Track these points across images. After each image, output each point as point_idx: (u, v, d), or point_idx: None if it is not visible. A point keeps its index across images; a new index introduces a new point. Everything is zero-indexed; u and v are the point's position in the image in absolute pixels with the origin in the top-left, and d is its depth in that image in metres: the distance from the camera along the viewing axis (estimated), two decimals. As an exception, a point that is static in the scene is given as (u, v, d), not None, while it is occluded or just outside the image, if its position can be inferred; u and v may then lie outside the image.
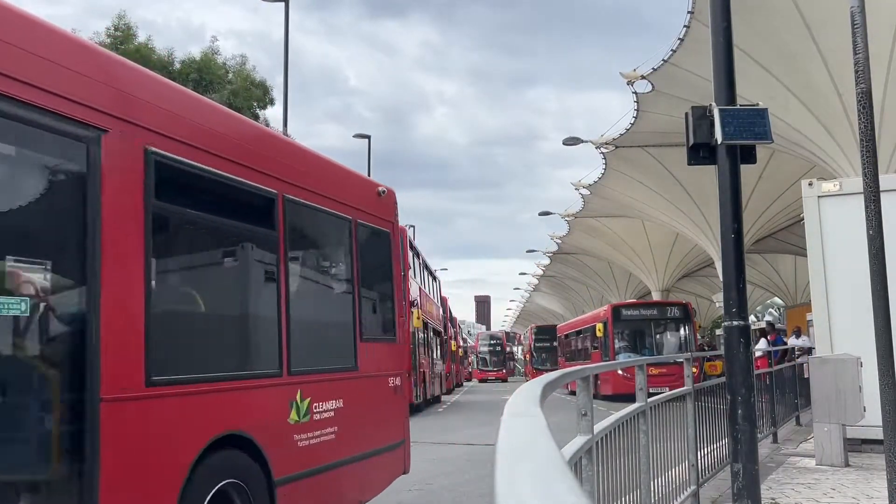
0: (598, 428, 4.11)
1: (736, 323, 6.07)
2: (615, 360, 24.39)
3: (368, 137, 35.51)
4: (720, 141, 6.06)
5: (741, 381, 5.98)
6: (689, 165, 6.60)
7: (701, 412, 7.33)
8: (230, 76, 21.85)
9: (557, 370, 4.79)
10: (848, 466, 9.04)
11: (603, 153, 25.97)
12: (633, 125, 22.79)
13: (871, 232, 6.39)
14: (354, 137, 35.74)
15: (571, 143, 26.12)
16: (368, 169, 35.05)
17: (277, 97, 22.99)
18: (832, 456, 9.16)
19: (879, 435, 6.70)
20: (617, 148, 25.02)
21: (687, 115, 6.31)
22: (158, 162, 4.32)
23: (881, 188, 6.54)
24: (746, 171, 6.97)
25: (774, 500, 7.25)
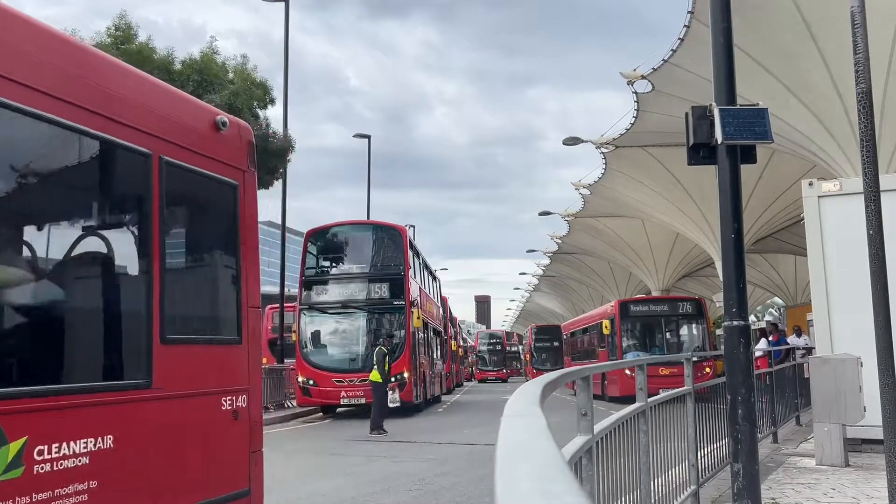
0: (598, 428, 4.11)
1: (736, 323, 6.08)
2: (623, 359, 22.80)
3: (368, 137, 35.66)
4: (720, 141, 6.07)
5: (741, 381, 5.99)
6: (689, 165, 6.61)
7: (701, 412, 7.33)
8: (231, 76, 21.80)
9: (557, 370, 4.77)
10: (848, 466, 9.05)
11: (603, 153, 25.99)
12: (633, 125, 22.80)
13: (871, 232, 6.39)
14: (354, 137, 35.96)
15: (571, 142, 26.13)
16: (368, 169, 35.24)
17: (277, 97, 22.97)
18: (832, 456, 9.16)
19: (879, 435, 6.71)
20: (617, 148, 25.03)
21: (687, 115, 6.32)
22: None
23: (881, 188, 6.55)
24: (747, 171, 6.97)
25: (774, 499, 7.25)
